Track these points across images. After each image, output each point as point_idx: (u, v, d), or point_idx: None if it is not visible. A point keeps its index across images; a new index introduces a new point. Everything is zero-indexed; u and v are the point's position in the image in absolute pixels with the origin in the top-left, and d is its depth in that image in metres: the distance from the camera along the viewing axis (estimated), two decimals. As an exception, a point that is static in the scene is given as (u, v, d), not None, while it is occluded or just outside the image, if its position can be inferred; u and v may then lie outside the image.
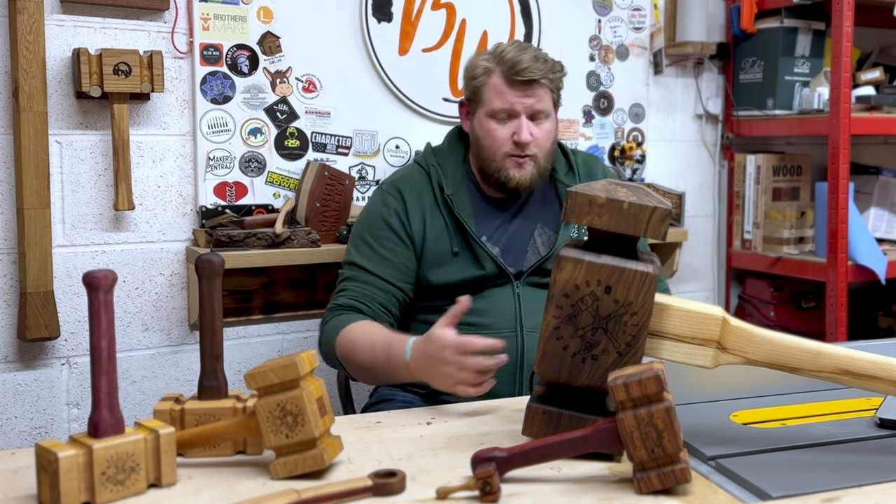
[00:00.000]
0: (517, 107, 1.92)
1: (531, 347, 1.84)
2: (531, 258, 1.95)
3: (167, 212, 2.32)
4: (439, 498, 1.10)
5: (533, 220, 1.99)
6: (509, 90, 1.92)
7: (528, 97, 1.92)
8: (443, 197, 1.94)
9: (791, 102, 2.90)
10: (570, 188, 1.24)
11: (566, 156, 2.08)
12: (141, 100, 2.25)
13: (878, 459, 1.21)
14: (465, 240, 1.92)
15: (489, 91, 1.94)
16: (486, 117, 1.95)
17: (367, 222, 1.97)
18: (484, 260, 1.90)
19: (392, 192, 1.98)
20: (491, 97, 1.93)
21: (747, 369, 1.26)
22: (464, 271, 1.90)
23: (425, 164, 2.02)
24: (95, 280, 1.09)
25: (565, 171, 2.05)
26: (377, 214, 1.96)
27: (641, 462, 1.10)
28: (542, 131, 1.94)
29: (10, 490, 1.14)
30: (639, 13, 2.88)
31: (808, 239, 2.92)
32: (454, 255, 1.91)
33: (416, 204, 1.94)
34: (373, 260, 1.91)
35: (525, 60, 1.91)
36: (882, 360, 1.21)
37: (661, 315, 1.22)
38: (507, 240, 1.96)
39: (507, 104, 1.92)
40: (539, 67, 1.91)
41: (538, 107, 1.93)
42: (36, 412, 2.21)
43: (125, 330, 2.28)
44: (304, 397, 1.14)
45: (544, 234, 1.98)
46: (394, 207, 1.95)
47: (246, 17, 2.37)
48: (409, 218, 1.93)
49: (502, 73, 1.92)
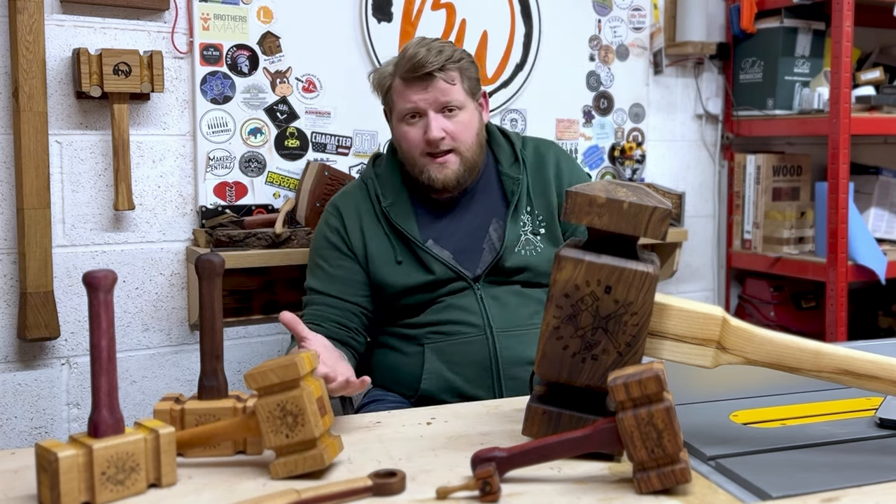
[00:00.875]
0: (421, 104, 1.87)
1: (502, 348, 1.82)
2: (487, 256, 1.90)
3: (167, 212, 2.32)
4: (439, 498, 1.10)
5: (485, 214, 1.94)
6: (409, 89, 1.87)
7: (429, 91, 1.86)
8: (381, 208, 1.91)
9: (791, 102, 2.90)
10: (569, 188, 1.24)
11: (512, 145, 2.01)
12: (141, 100, 2.25)
13: (878, 459, 1.21)
14: (409, 248, 1.89)
15: (395, 95, 1.91)
16: (398, 122, 1.91)
17: (314, 245, 1.97)
18: (431, 264, 1.86)
19: (331, 211, 1.96)
20: (397, 100, 1.90)
21: (747, 369, 1.26)
22: (412, 277, 1.87)
23: (364, 177, 1.99)
24: (95, 280, 1.09)
25: (510, 163, 1.98)
26: (320, 236, 1.96)
27: (641, 462, 1.10)
28: (457, 124, 1.88)
29: (10, 490, 1.14)
30: (639, 13, 2.88)
31: (808, 239, 2.92)
32: (398, 264, 1.88)
33: (353, 219, 1.92)
34: (323, 280, 1.90)
35: (420, 54, 1.84)
36: (882, 360, 1.21)
37: (661, 315, 1.22)
38: (457, 241, 1.92)
39: (410, 103, 1.87)
40: (433, 60, 1.84)
41: (443, 99, 1.86)
42: (36, 412, 2.21)
43: (125, 330, 2.28)
44: (304, 397, 1.14)
45: (499, 229, 1.92)
46: (333, 225, 1.93)
47: (246, 17, 2.37)
48: (347, 233, 1.91)
49: (401, 73, 1.88)
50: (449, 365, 1.84)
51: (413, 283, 1.87)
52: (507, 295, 1.88)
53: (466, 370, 1.83)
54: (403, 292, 1.88)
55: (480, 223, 1.94)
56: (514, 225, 1.91)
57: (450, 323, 1.86)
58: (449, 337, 1.85)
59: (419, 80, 1.86)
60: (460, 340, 1.84)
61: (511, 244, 1.90)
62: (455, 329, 1.85)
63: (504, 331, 1.84)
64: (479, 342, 1.83)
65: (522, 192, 1.94)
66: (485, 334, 1.84)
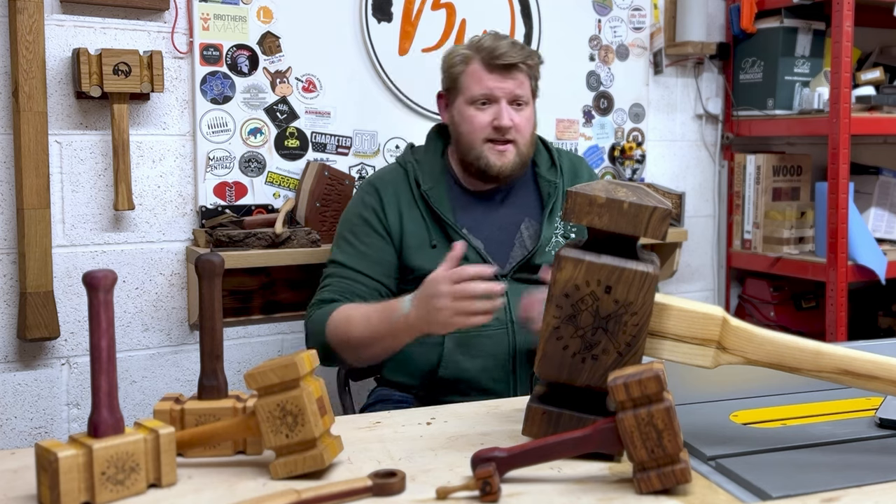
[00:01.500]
0: (496, 92, 1.93)
1: (522, 343, 1.85)
2: (518, 252, 1.94)
3: (167, 212, 2.32)
4: (439, 498, 1.10)
5: (518, 212, 1.99)
6: (488, 75, 1.93)
7: (507, 82, 1.93)
8: (419, 192, 1.95)
9: (791, 102, 2.90)
10: (569, 188, 1.24)
11: (549, 151, 2.08)
12: (141, 100, 2.25)
13: (878, 459, 1.21)
14: (445, 233, 1.92)
15: (468, 78, 1.95)
16: (465, 105, 1.95)
17: (345, 221, 2.00)
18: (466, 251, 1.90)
19: (368, 190, 2.00)
20: (470, 84, 1.94)
21: (747, 369, 1.26)
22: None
23: (403, 161, 2.03)
24: (95, 280, 1.09)
25: (547, 167, 2.04)
26: (354, 212, 1.98)
27: (641, 462, 1.10)
28: (523, 118, 1.95)
29: (10, 490, 1.14)
30: (639, 13, 2.88)
31: (808, 239, 2.92)
32: (433, 248, 1.91)
33: (392, 199, 1.95)
34: (352, 256, 1.93)
35: (503, 46, 1.92)
36: (882, 360, 1.21)
37: (661, 315, 1.22)
38: (490, 233, 1.96)
39: (486, 89, 1.93)
40: (517, 52, 1.93)
41: (518, 91, 1.94)
42: (36, 412, 2.21)
43: (125, 330, 2.28)
44: (304, 397, 1.14)
45: (531, 228, 1.98)
46: (370, 204, 1.96)
47: (246, 17, 2.37)
48: (385, 213, 1.94)
49: (481, 59, 1.93)
50: (467, 356, 1.85)
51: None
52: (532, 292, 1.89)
53: (485, 362, 1.85)
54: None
55: (513, 220, 1.98)
56: (549, 226, 1.96)
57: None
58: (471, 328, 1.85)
59: (500, 68, 1.92)
60: (481, 332, 1.85)
61: (544, 243, 1.94)
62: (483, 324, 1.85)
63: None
64: (500, 335, 1.85)
65: (558, 196, 1.99)
66: (506, 328, 1.86)
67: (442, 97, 2.05)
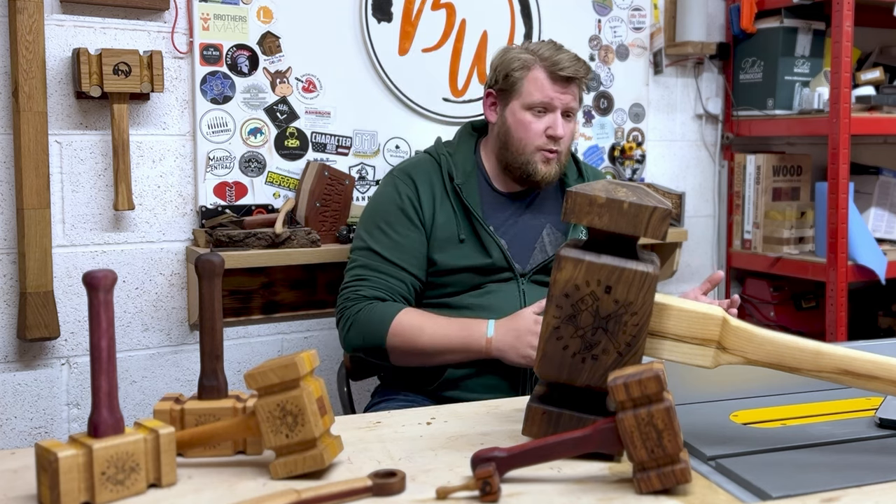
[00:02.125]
0: (556, 102, 1.96)
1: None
2: (538, 256, 1.97)
3: (167, 212, 2.32)
4: (439, 498, 1.10)
5: (542, 218, 2.02)
6: (551, 85, 1.95)
7: (566, 94, 1.96)
8: (452, 186, 1.96)
9: (791, 102, 2.90)
10: (569, 188, 1.24)
11: (577, 163, 2.13)
12: (141, 100, 2.25)
13: (878, 459, 1.21)
14: (473, 228, 1.94)
15: (529, 84, 1.96)
16: (521, 109, 1.97)
17: (379, 209, 1.99)
18: (491, 249, 1.92)
19: (403, 179, 2.00)
20: (530, 90, 1.96)
21: (747, 369, 1.26)
22: (470, 258, 1.92)
23: (436, 153, 2.04)
24: (95, 280, 1.09)
25: (575, 177, 2.09)
26: (389, 200, 1.98)
27: (641, 462, 1.10)
28: (570, 130, 1.99)
29: (10, 490, 1.14)
30: (639, 13, 2.88)
31: (808, 239, 2.92)
32: (461, 242, 1.93)
33: (427, 189, 1.96)
34: (388, 247, 1.93)
35: (567, 59, 1.95)
36: (882, 360, 1.21)
37: (661, 315, 1.22)
38: (514, 234, 1.98)
39: (546, 98, 1.95)
40: (580, 67, 1.96)
41: (573, 104, 1.98)
42: (36, 412, 2.21)
43: (125, 330, 2.28)
44: (304, 397, 1.14)
45: (552, 235, 2.00)
46: (405, 193, 1.97)
47: (246, 17, 2.37)
48: (420, 202, 1.95)
49: (545, 67, 1.96)
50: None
51: (471, 264, 1.92)
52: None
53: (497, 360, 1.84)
54: (459, 270, 1.92)
55: (537, 224, 2.01)
56: (574, 232, 2.00)
57: (487, 310, 1.89)
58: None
59: (564, 80, 1.95)
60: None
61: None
62: (491, 317, 1.87)
63: None
64: None
65: None
66: None
67: (491, 95, 2.05)
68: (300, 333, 2.50)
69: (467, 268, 1.92)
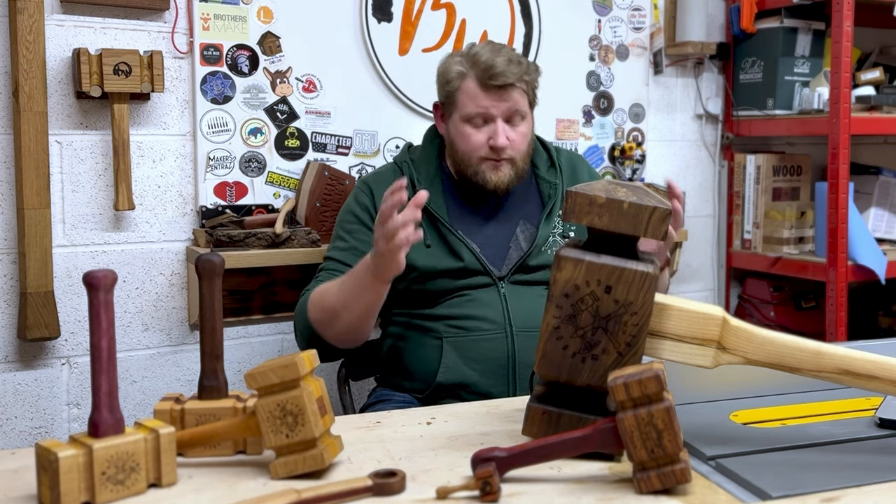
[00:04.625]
0: (493, 111, 1.90)
1: (521, 347, 1.84)
2: (513, 254, 1.93)
3: (167, 212, 2.32)
4: (439, 498, 1.10)
5: (514, 217, 1.98)
6: (484, 95, 1.89)
7: (503, 101, 1.90)
8: (414, 191, 1.91)
9: (791, 102, 2.90)
10: (569, 188, 1.24)
11: (548, 151, 2.07)
12: (141, 100, 2.25)
13: (878, 459, 1.21)
14: (440, 233, 1.92)
15: (463, 96, 1.92)
16: (461, 122, 1.93)
17: (340, 219, 2.02)
18: (461, 251, 1.89)
19: (362, 188, 2.01)
20: (465, 102, 1.91)
21: (747, 369, 1.26)
22: (441, 261, 1.89)
23: (399, 161, 2.03)
24: (95, 280, 1.09)
25: (547, 167, 2.04)
26: (347, 210, 2.00)
27: (641, 462, 1.10)
28: (519, 134, 1.92)
29: (10, 490, 1.14)
30: (639, 13, 2.88)
31: (808, 239, 2.92)
32: (427, 248, 1.90)
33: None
34: (345, 251, 1.93)
35: (500, 64, 1.88)
36: (882, 360, 1.21)
37: (661, 315, 1.22)
38: (486, 236, 1.95)
39: (482, 109, 1.90)
40: (514, 71, 1.89)
41: (516, 108, 1.91)
42: (36, 412, 2.21)
43: (125, 330, 2.28)
44: (304, 397, 1.14)
45: (526, 231, 1.97)
46: (362, 202, 1.97)
47: (246, 17, 2.37)
48: (376, 210, 1.92)
49: (476, 77, 1.90)
50: (466, 360, 1.85)
51: (442, 267, 1.89)
52: (530, 295, 1.89)
53: (484, 366, 1.84)
54: (430, 275, 1.89)
55: (510, 223, 1.97)
56: (547, 226, 1.95)
57: (470, 318, 1.87)
58: (469, 332, 1.86)
59: (497, 88, 1.88)
60: (480, 337, 1.85)
61: (540, 243, 1.93)
62: (475, 325, 1.86)
63: (524, 330, 1.85)
64: (499, 340, 1.84)
65: (558, 197, 1.98)
66: (505, 332, 1.85)
67: (438, 108, 2.03)
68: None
69: (439, 272, 1.88)
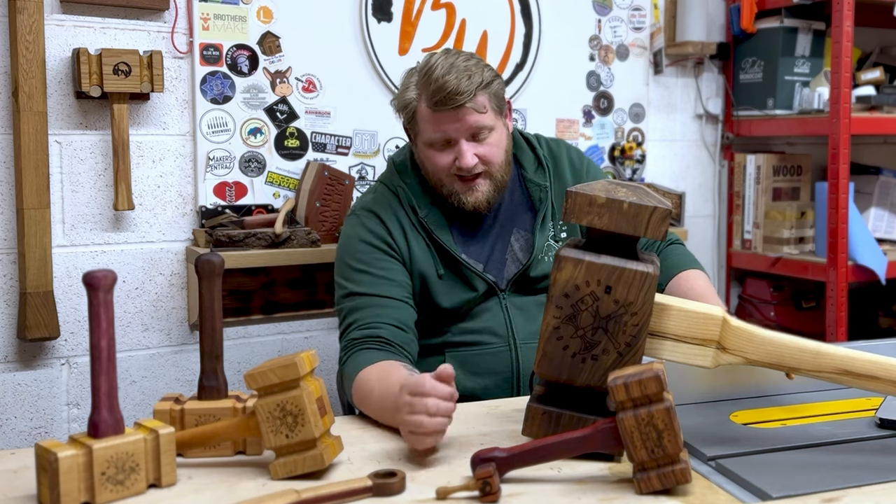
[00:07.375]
0: (451, 133, 1.77)
1: (525, 359, 1.80)
2: (511, 267, 1.86)
3: (167, 212, 2.32)
4: (439, 498, 1.10)
5: (508, 226, 1.89)
6: (438, 118, 1.76)
7: (459, 122, 1.76)
8: (418, 219, 1.83)
9: (791, 102, 2.90)
10: (569, 188, 1.24)
11: (534, 151, 1.95)
12: (141, 100, 2.25)
13: (878, 459, 1.21)
14: (448, 262, 1.82)
15: (421, 121, 1.80)
16: (424, 147, 1.82)
17: (347, 252, 1.82)
18: (474, 280, 1.81)
19: (367, 216, 1.85)
20: (424, 127, 1.80)
21: (747, 369, 1.26)
22: (456, 295, 1.81)
23: (392, 185, 1.89)
24: (95, 280, 1.09)
25: (534, 169, 1.93)
26: (358, 240, 1.82)
27: (641, 462, 1.10)
28: (488, 146, 1.80)
29: (10, 490, 1.14)
30: (639, 13, 2.88)
31: (808, 239, 2.92)
32: (439, 278, 1.81)
33: (395, 223, 1.83)
34: (372, 284, 1.75)
35: (450, 84, 1.72)
36: (882, 360, 1.21)
37: (661, 315, 1.22)
38: (487, 253, 1.87)
39: (440, 133, 1.78)
40: (464, 89, 1.73)
41: (475, 126, 1.77)
42: (36, 412, 2.21)
43: (125, 330, 2.28)
44: (304, 397, 1.14)
45: (521, 239, 1.88)
46: (374, 230, 1.82)
47: (246, 17, 2.37)
48: (392, 237, 1.81)
49: (427, 100, 1.76)
50: (470, 374, 1.80)
51: (459, 301, 1.81)
52: (532, 305, 1.84)
53: (487, 380, 1.80)
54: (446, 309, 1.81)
55: (505, 234, 1.89)
56: (542, 234, 1.86)
57: (473, 332, 1.82)
58: (472, 347, 1.81)
59: (451, 110, 1.75)
60: (484, 351, 1.81)
61: (538, 253, 1.85)
62: (478, 339, 1.82)
63: (527, 342, 1.80)
64: (503, 353, 1.80)
65: (549, 200, 1.89)
66: (508, 345, 1.81)
67: (407, 132, 1.91)
68: (300, 333, 2.50)
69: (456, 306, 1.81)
